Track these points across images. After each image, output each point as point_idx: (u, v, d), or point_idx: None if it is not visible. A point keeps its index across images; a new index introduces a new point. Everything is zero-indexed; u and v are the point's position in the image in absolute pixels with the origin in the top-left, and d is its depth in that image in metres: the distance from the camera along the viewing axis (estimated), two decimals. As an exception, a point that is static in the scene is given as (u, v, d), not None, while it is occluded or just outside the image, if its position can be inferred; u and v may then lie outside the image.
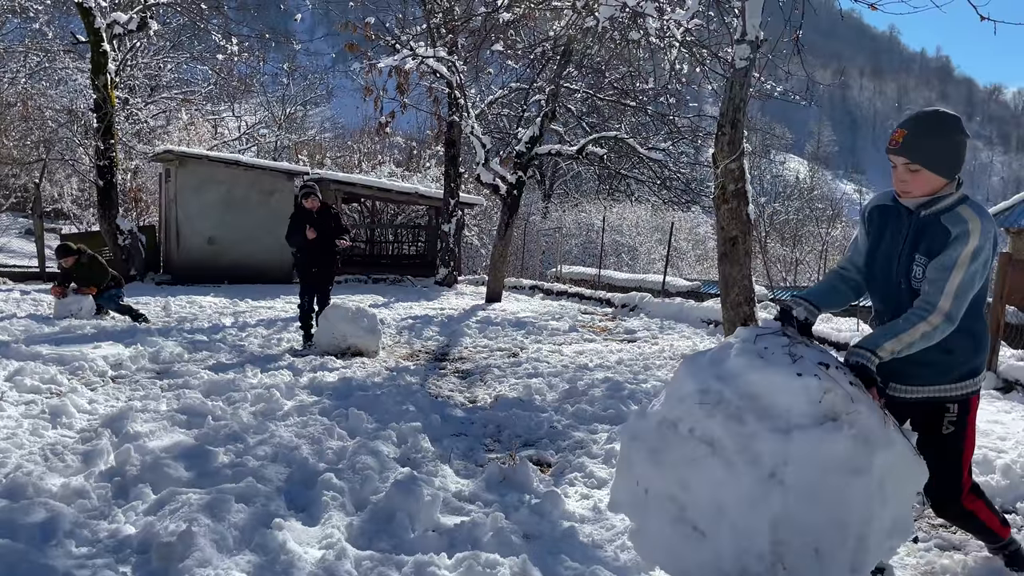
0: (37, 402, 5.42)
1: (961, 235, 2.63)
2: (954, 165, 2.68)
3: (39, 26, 20.49)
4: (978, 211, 2.69)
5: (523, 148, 15.34)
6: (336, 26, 12.54)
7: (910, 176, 2.70)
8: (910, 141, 2.65)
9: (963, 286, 2.62)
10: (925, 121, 2.68)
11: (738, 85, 8.20)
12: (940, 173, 2.68)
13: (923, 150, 2.65)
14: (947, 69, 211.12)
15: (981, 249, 2.61)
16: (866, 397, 2.53)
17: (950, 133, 2.66)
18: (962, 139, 2.69)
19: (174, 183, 17.04)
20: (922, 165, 2.66)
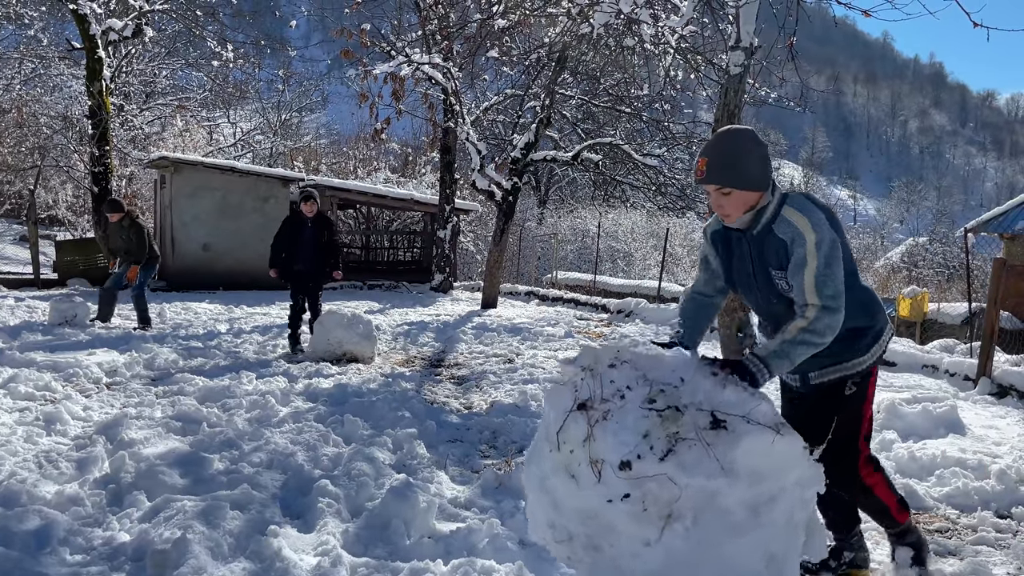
0: (31, 409, 5.40)
1: (796, 237, 2.64)
2: (762, 176, 2.70)
3: (34, 32, 20.46)
4: (800, 206, 2.70)
5: (518, 154, 15.36)
6: (331, 32, 12.54)
7: (725, 200, 2.72)
8: (713, 167, 2.67)
9: (820, 277, 2.60)
10: (721, 144, 2.70)
11: (732, 91, 8.23)
12: (751, 188, 2.70)
13: (727, 172, 2.66)
14: (940, 75, 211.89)
15: (820, 240, 2.61)
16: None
17: (747, 148, 2.68)
18: (760, 150, 2.70)
19: (169, 189, 17.02)
20: (732, 187, 2.68)
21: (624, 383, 2.38)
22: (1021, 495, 4.33)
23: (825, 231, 2.63)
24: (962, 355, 8.90)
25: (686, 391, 2.37)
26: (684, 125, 19.31)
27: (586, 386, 2.41)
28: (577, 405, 2.35)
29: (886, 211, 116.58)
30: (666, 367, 2.46)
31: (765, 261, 2.80)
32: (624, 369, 2.44)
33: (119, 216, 10.00)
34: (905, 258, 40.13)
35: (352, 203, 22.56)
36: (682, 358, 2.52)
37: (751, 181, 2.68)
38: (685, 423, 2.25)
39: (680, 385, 2.39)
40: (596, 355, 2.52)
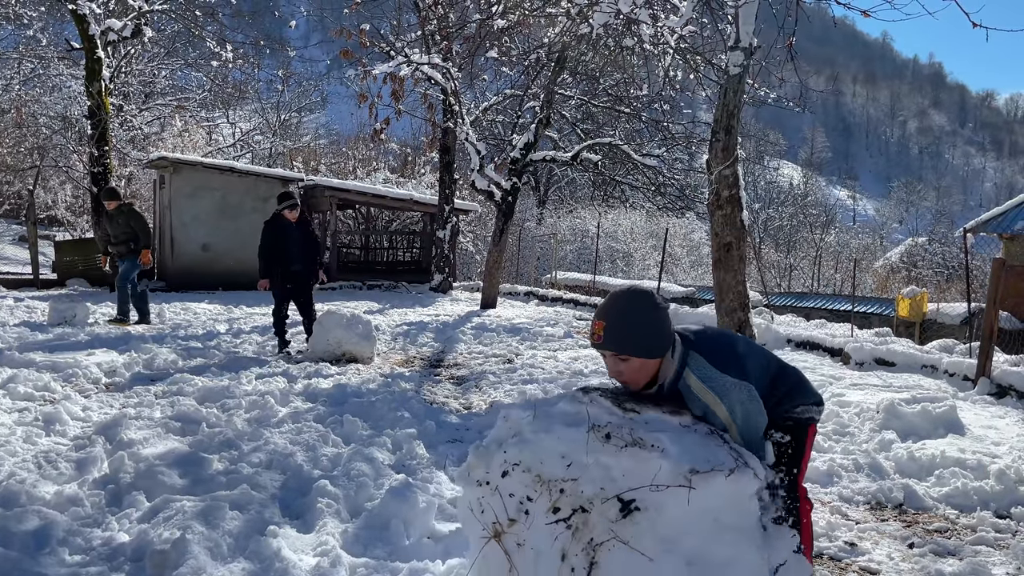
0: (31, 409, 5.40)
1: (707, 412, 2.50)
2: (662, 343, 2.53)
3: (33, 33, 20.47)
4: (702, 375, 2.52)
5: (518, 154, 15.36)
6: (331, 33, 12.53)
7: (624, 367, 2.54)
8: (611, 333, 2.49)
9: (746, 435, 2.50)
10: (620, 309, 2.52)
11: (732, 91, 8.24)
12: (651, 356, 2.53)
13: (627, 340, 2.49)
14: (940, 75, 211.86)
15: (731, 408, 2.47)
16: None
17: (647, 313, 2.52)
18: (661, 314, 2.54)
19: (168, 190, 17.01)
20: (631, 355, 2.51)
21: (523, 493, 2.23)
22: (1020, 495, 4.33)
23: (733, 395, 2.49)
24: (961, 355, 8.90)
25: (584, 479, 2.17)
26: (683, 125, 19.32)
27: (490, 507, 2.30)
28: (492, 534, 2.25)
29: (885, 211, 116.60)
30: (554, 455, 2.24)
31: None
32: (517, 475, 2.26)
33: (116, 204, 10.02)
34: (904, 258, 40.16)
35: (351, 203, 22.56)
36: (569, 434, 2.28)
37: (649, 349, 2.51)
38: (596, 524, 2.12)
39: (578, 475, 2.18)
40: (487, 463, 2.34)
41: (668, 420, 2.35)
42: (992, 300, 8.01)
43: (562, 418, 2.33)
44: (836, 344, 10.00)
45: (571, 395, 2.47)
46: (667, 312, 2.58)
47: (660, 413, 2.38)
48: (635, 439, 2.21)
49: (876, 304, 22.87)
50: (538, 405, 2.45)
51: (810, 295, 27.80)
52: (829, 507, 4.30)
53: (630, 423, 2.27)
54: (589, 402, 2.39)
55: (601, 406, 2.36)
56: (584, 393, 2.47)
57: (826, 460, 4.99)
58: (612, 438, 2.21)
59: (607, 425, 2.25)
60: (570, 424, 2.29)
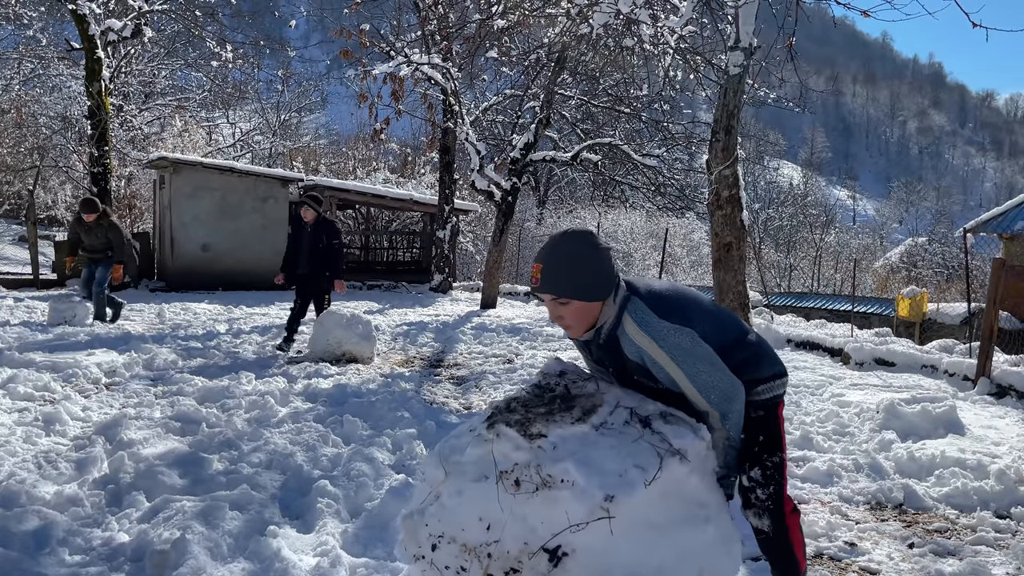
0: (30, 409, 5.40)
1: (645, 356, 2.42)
2: (602, 285, 2.42)
3: (33, 33, 20.49)
4: (639, 317, 2.41)
5: (518, 154, 15.36)
6: (331, 33, 12.54)
7: (564, 310, 2.45)
8: (549, 275, 2.40)
9: (698, 385, 2.38)
10: (557, 251, 2.42)
11: (732, 92, 8.23)
12: (592, 298, 2.42)
13: (565, 282, 2.39)
14: (939, 75, 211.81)
15: (672, 350, 2.37)
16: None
17: (585, 254, 2.41)
18: (601, 255, 2.44)
19: (168, 190, 17.01)
20: (570, 297, 2.41)
21: (455, 564, 2.16)
22: (1020, 495, 4.33)
23: (671, 338, 2.38)
24: (961, 355, 8.90)
25: (507, 538, 2.09)
26: (683, 125, 19.32)
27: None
28: None
29: (885, 211, 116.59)
30: (472, 519, 2.15)
31: (622, 368, 2.56)
32: (444, 547, 2.19)
33: (95, 216, 9.96)
34: (904, 258, 40.18)
35: (351, 203, 22.56)
36: (481, 491, 2.17)
37: (589, 291, 2.41)
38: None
39: (499, 535, 2.10)
40: (416, 537, 2.27)
41: (575, 434, 2.21)
42: (992, 300, 8.01)
43: (472, 470, 2.22)
44: (836, 344, 10.00)
45: (478, 433, 2.32)
46: (608, 253, 2.48)
47: (570, 424, 2.24)
48: (544, 479, 2.10)
49: (876, 304, 22.88)
50: (448, 455, 2.31)
51: (810, 295, 27.83)
52: (829, 507, 4.30)
53: (537, 456, 2.15)
54: (495, 437, 2.24)
55: (507, 439, 2.22)
56: (490, 426, 2.31)
57: (826, 460, 4.99)
58: (522, 484, 2.11)
59: (515, 468, 2.14)
60: (480, 477, 2.19)
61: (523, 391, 2.50)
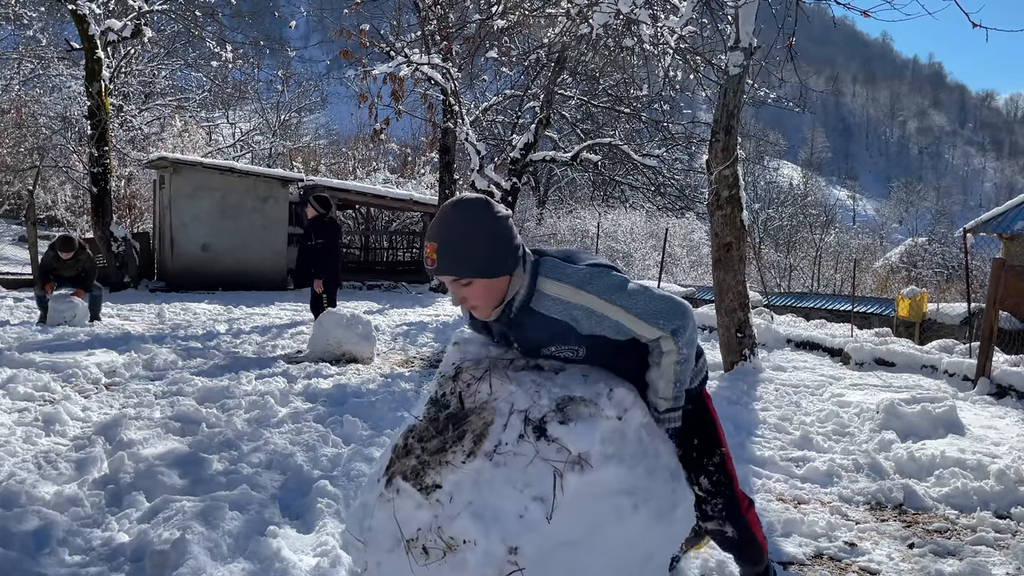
0: (30, 409, 5.40)
1: (575, 312, 2.20)
2: (508, 256, 2.17)
3: (33, 33, 20.47)
4: (556, 273, 2.22)
5: (518, 155, 15.37)
6: (331, 33, 12.53)
7: (467, 291, 2.19)
8: (445, 255, 2.13)
9: (641, 312, 2.20)
10: (452, 226, 2.15)
11: (732, 92, 8.24)
12: (497, 274, 2.17)
13: (464, 260, 2.13)
14: (939, 76, 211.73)
15: (603, 291, 2.19)
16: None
17: (483, 226, 2.15)
18: (500, 225, 2.17)
19: (168, 190, 17.01)
20: (473, 276, 2.16)
21: None
22: (1020, 495, 4.33)
23: (597, 281, 2.20)
24: (961, 355, 8.90)
25: None
26: (683, 125, 19.34)
27: None
28: None
29: (885, 211, 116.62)
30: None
31: (533, 342, 2.34)
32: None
33: (71, 254, 10.12)
34: (904, 258, 40.19)
35: (351, 203, 22.55)
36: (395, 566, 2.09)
37: (493, 267, 2.16)
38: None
39: None
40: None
41: (469, 475, 2.07)
42: (992, 300, 8.02)
43: (384, 539, 2.13)
44: (836, 344, 10.00)
45: (380, 493, 2.19)
46: (508, 221, 2.22)
47: (461, 465, 2.08)
48: (447, 542, 1.99)
49: (876, 304, 22.87)
50: (361, 518, 2.24)
51: (810, 295, 27.81)
52: (829, 507, 4.30)
53: (437, 513, 2.05)
54: (395, 495, 2.12)
55: (406, 496, 2.10)
56: (389, 480, 2.16)
57: (826, 460, 4.99)
58: (429, 552, 2.00)
59: (419, 533, 2.04)
60: (392, 545, 2.10)
61: (420, 416, 2.33)
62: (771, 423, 6.06)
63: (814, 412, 6.47)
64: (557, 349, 2.31)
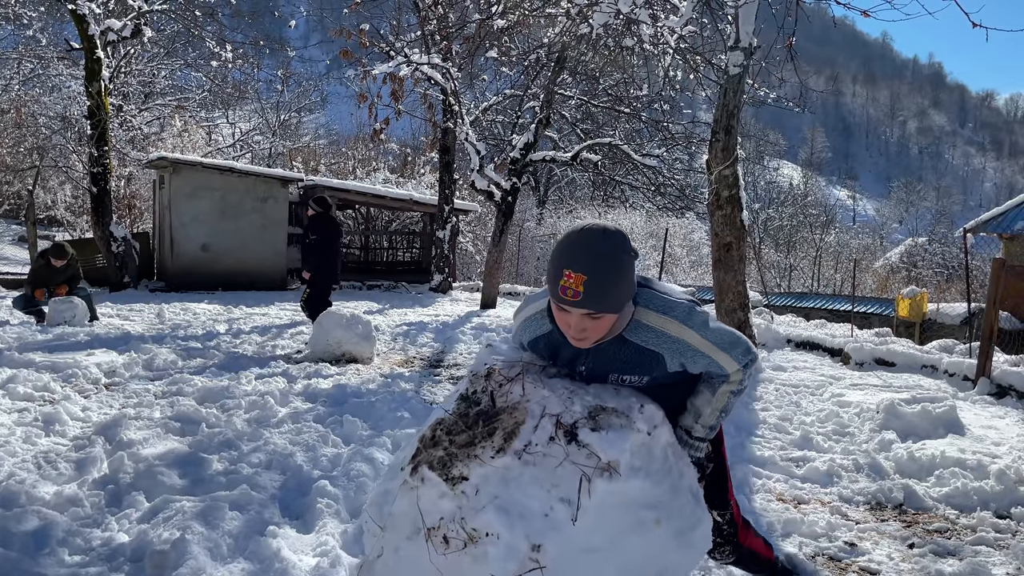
0: (30, 410, 5.39)
1: (665, 342, 2.21)
2: (632, 289, 2.15)
3: (33, 33, 20.47)
4: (659, 305, 2.21)
5: (517, 154, 15.36)
6: (330, 33, 12.55)
7: (591, 324, 2.11)
8: (593, 290, 2.02)
9: (721, 345, 2.23)
10: (601, 258, 2.04)
11: (732, 92, 8.24)
12: (623, 308, 2.14)
13: (609, 297, 2.06)
14: (939, 75, 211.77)
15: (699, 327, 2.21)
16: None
17: (626, 261, 2.10)
18: (633, 260, 2.13)
19: (168, 190, 17.01)
20: (611, 312, 2.09)
21: None
22: (1020, 495, 4.33)
23: (694, 315, 2.21)
24: (961, 355, 8.90)
25: None
26: (683, 125, 19.31)
27: None
28: None
29: (885, 211, 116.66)
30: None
31: (606, 366, 2.31)
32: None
33: (64, 262, 10.26)
34: (904, 258, 40.19)
35: (351, 203, 22.55)
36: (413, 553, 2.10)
37: (624, 301, 2.12)
38: None
39: None
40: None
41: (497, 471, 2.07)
42: (992, 300, 8.02)
43: (404, 525, 2.15)
44: (836, 344, 10.00)
45: (403, 480, 2.23)
46: (636, 256, 2.19)
47: (490, 460, 2.09)
48: (469, 533, 2.00)
49: (876, 304, 22.88)
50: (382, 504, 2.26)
51: (810, 295, 27.83)
52: (829, 507, 4.30)
53: (461, 505, 2.05)
54: (420, 484, 2.13)
55: (431, 485, 2.11)
56: (414, 469, 2.19)
57: (826, 460, 4.99)
58: (450, 541, 2.02)
59: (441, 522, 2.05)
60: (412, 532, 2.11)
61: (449, 410, 2.37)
62: (771, 423, 6.06)
63: (814, 412, 6.47)
64: (624, 377, 2.30)
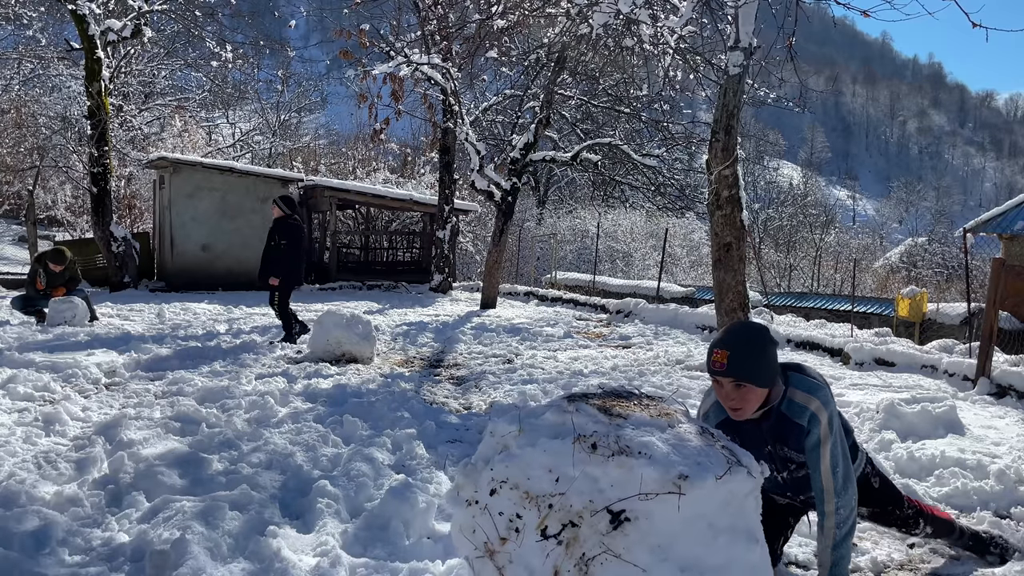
0: (30, 410, 5.40)
1: (812, 418, 2.78)
2: (774, 373, 2.79)
3: (33, 33, 20.46)
4: (807, 387, 2.83)
5: (517, 155, 15.36)
6: (331, 33, 12.55)
7: (739, 394, 2.75)
8: (735, 361, 2.70)
9: (834, 457, 2.77)
10: (743, 339, 2.75)
11: (732, 92, 8.24)
12: (766, 385, 2.77)
13: (748, 369, 2.71)
14: (939, 75, 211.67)
15: (831, 416, 2.79)
16: None
17: (765, 345, 2.76)
18: (774, 347, 2.81)
19: (168, 190, 17.02)
20: (751, 383, 2.73)
21: (512, 510, 2.19)
22: (1020, 495, 4.33)
23: (832, 406, 2.81)
24: (961, 355, 8.90)
25: (572, 492, 2.12)
26: (683, 125, 19.32)
27: (480, 526, 2.26)
28: (485, 553, 2.23)
29: (885, 211, 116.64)
30: (541, 469, 2.19)
31: (783, 442, 2.93)
32: (505, 492, 2.22)
33: (62, 267, 10.36)
34: (904, 258, 40.21)
35: (351, 203, 22.56)
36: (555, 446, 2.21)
37: (766, 379, 2.76)
38: (587, 538, 2.07)
39: (566, 489, 2.13)
40: (475, 482, 2.30)
41: (657, 423, 2.31)
42: (992, 300, 8.01)
43: (548, 430, 2.29)
44: (836, 344, 10.00)
45: (556, 404, 2.42)
46: (776, 347, 2.84)
47: (649, 416, 2.34)
48: (622, 447, 2.16)
49: (876, 304, 22.86)
50: (524, 417, 2.40)
51: (810, 295, 27.79)
52: (829, 507, 4.29)
53: (616, 430, 2.23)
54: (575, 411, 2.33)
55: (587, 414, 2.31)
56: (570, 402, 2.41)
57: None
58: (598, 448, 2.16)
59: (593, 434, 2.21)
60: (556, 436, 2.24)
61: (595, 389, 2.60)
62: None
63: (814, 412, 6.46)
64: (790, 451, 2.92)
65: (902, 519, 3.31)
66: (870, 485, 3.20)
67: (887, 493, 3.29)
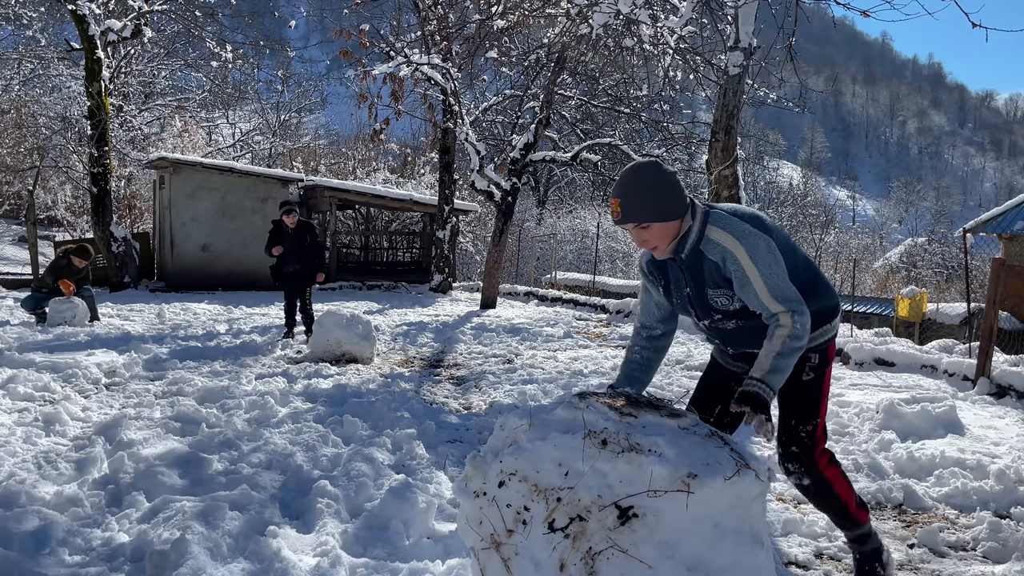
0: (30, 410, 5.40)
1: (726, 255, 2.67)
2: (677, 204, 2.69)
3: (33, 33, 20.49)
4: (723, 223, 2.71)
5: (517, 155, 15.36)
6: (331, 33, 12.55)
7: (647, 234, 2.72)
8: (627, 206, 2.67)
9: (770, 285, 2.62)
10: (630, 181, 2.69)
11: (731, 92, 8.24)
12: (669, 219, 2.69)
13: (642, 208, 2.66)
14: (939, 75, 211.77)
15: (752, 250, 2.64)
16: None
17: (655, 180, 2.68)
18: (669, 177, 2.70)
19: (168, 190, 17.02)
20: (650, 221, 2.68)
21: (520, 503, 2.19)
22: (1020, 495, 4.33)
23: (753, 239, 2.66)
24: (961, 355, 8.90)
25: (581, 487, 2.12)
26: (683, 125, 19.30)
27: (487, 518, 2.25)
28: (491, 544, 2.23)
29: (885, 211, 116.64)
30: (550, 463, 2.19)
31: (701, 282, 2.82)
32: (514, 484, 2.22)
33: (86, 263, 10.54)
34: (904, 258, 40.20)
35: (351, 203, 22.56)
36: (565, 441, 2.22)
37: (666, 212, 2.68)
38: (594, 533, 2.07)
39: (575, 483, 2.13)
40: (484, 474, 2.30)
41: (666, 423, 2.31)
42: (992, 300, 8.01)
43: (558, 425, 2.30)
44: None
45: (568, 401, 2.42)
46: (675, 175, 2.73)
47: (658, 417, 2.34)
48: (631, 444, 2.17)
49: (876, 304, 22.88)
50: (534, 412, 2.40)
51: (810, 295, 27.74)
52: (829, 507, 4.29)
53: (627, 427, 2.24)
54: (585, 407, 2.34)
55: (597, 411, 2.32)
56: (581, 399, 2.41)
57: (826, 460, 4.99)
58: (608, 444, 2.17)
59: (603, 431, 2.22)
60: (566, 431, 2.25)
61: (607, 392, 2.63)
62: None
63: (814, 412, 6.46)
64: (717, 292, 2.79)
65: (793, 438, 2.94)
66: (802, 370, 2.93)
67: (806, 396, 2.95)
